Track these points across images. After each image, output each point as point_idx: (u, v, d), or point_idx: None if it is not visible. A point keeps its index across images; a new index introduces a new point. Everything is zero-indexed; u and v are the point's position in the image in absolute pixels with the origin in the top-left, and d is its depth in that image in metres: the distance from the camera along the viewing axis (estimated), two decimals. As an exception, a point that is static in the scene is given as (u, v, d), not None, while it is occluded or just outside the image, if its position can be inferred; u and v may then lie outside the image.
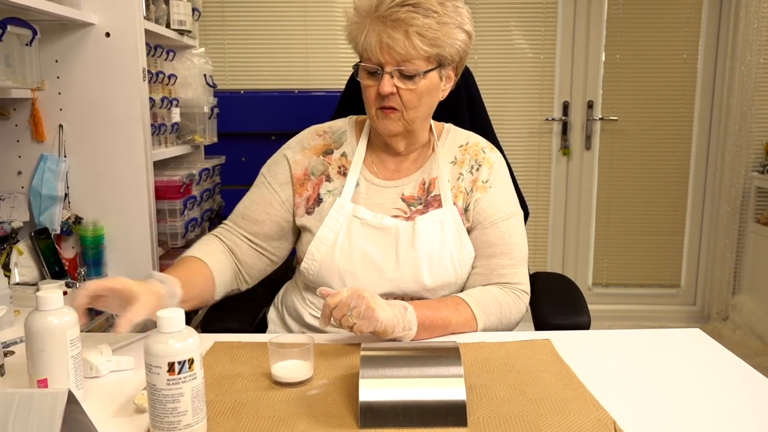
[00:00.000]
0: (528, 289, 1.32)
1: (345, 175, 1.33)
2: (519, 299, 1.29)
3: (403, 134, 1.29)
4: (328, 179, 1.33)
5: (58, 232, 1.71)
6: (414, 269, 1.25)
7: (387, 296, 1.21)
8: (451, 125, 1.42)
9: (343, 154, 1.35)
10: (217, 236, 1.35)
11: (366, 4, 1.21)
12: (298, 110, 2.65)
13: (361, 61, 1.25)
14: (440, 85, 1.28)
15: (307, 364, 1.00)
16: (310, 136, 1.39)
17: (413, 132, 1.31)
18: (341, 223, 1.28)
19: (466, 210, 1.31)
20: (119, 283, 1.03)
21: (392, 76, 1.21)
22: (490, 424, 0.87)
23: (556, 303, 1.43)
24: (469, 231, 1.31)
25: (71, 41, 1.69)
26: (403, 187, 1.33)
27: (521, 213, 1.37)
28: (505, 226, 1.31)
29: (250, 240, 1.34)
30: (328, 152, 1.36)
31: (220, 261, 1.29)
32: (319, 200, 1.32)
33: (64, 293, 1.47)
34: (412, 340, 1.15)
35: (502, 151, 1.45)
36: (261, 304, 1.47)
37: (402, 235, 1.26)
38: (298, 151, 1.36)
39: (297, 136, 1.41)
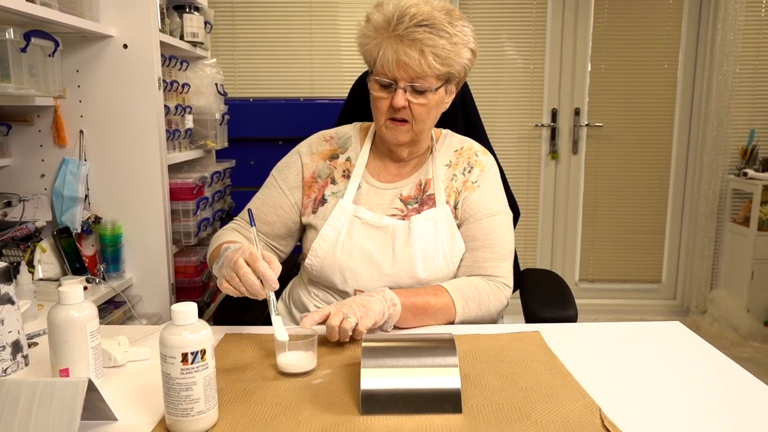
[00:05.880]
0: (510, 282, 1.32)
1: (349, 178, 1.33)
2: (499, 290, 1.28)
3: (409, 143, 1.29)
4: (333, 182, 1.34)
5: (79, 231, 1.71)
6: (409, 265, 1.25)
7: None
8: (449, 131, 1.42)
9: (348, 159, 1.35)
10: (236, 230, 1.36)
11: (382, 20, 1.19)
12: (303, 117, 2.65)
13: (372, 73, 1.23)
14: (445, 99, 1.28)
15: (311, 355, 1.00)
16: (318, 142, 1.39)
17: (418, 141, 1.31)
18: (343, 223, 1.28)
19: (456, 207, 1.31)
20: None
21: (405, 91, 1.20)
22: (483, 410, 0.87)
23: (545, 297, 1.43)
24: (458, 227, 1.31)
25: (91, 52, 1.69)
26: (402, 188, 1.33)
27: (509, 213, 1.36)
28: (490, 222, 1.31)
29: (263, 238, 1.35)
30: (334, 157, 1.36)
31: None
32: (323, 201, 1.32)
33: (85, 288, 1.47)
34: (398, 323, 1.16)
35: (494, 155, 1.45)
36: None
37: (398, 234, 1.26)
38: (307, 155, 1.36)
39: (306, 140, 1.40)
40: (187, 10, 2.08)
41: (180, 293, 1.96)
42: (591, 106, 3.43)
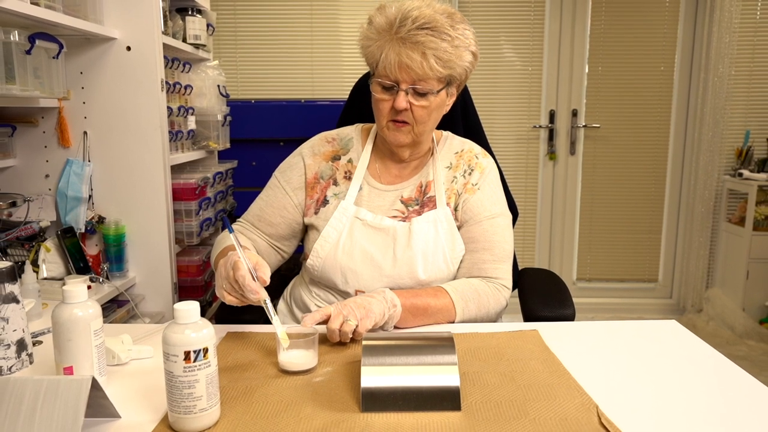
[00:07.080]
0: (509, 284, 1.31)
1: (350, 179, 1.33)
2: (498, 292, 1.28)
3: (410, 145, 1.29)
4: (335, 183, 1.33)
5: (83, 230, 1.71)
6: (410, 266, 1.25)
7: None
8: (449, 133, 1.42)
9: (350, 160, 1.35)
10: (239, 233, 1.36)
11: (384, 22, 1.19)
12: (304, 118, 2.65)
13: (374, 75, 1.23)
14: (446, 101, 1.28)
15: (312, 353, 1.00)
16: (320, 143, 1.38)
17: (419, 143, 1.31)
18: (344, 224, 1.28)
19: (456, 209, 1.31)
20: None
21: (407, 93, 1.20)
22: (482, 408, 0.87)
23: (543, 296, 1.43)
24: (458, 229, 1.31)
25: (95, 54, 1.69)
26: (403, 190, 1.33)
27: (508, 215, 1.36)
28: (489, 225, 1.30)
29: (266, 239, 1.35)
30: (336, 158, 1.36)
31: (254, 250, 1.30)
32: (325, 202, 1.32)
33: (88, 287, 1.47)
34: (398, 324, 1.16)
35: (494, 156, 1.45)
36: (271, 298, 1.47)
37: (399, 235, 1.26)
38: (309, 156, 1.36)
39: (308, 142, 1.40)
40: (190, 12, 2.08)
41: (182, 292, 1.97)
42: (588, 108, 3.43)
